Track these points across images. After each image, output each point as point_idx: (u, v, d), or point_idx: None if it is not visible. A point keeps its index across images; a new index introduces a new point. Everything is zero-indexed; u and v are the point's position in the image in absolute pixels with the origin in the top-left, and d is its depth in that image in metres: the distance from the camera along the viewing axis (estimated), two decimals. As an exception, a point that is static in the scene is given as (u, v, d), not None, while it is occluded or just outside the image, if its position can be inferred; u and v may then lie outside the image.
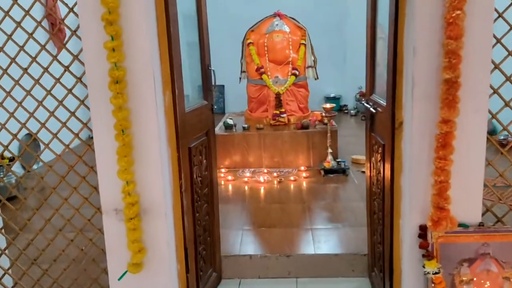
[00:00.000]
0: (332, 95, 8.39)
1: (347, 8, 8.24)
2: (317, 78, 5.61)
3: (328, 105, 4.75)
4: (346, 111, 8.23)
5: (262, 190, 4.28)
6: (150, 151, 2.10)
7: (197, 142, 2.49)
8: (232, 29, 8.28)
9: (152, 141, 2.10)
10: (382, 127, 2.37)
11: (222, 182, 4.53)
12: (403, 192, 2.17)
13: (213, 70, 2.75)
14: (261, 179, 4.53)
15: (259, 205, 3.90)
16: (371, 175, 2.69)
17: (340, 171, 4.65)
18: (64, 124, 2.24)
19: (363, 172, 4.67)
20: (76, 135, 2.28)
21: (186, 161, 2.35)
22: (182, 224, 2.32)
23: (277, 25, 5.42)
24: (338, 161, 4.74)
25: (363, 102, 2.73)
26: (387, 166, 2.27)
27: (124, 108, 2.02)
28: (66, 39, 2.30)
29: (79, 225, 2.36)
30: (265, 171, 4.82)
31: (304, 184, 4.43)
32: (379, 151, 2.43)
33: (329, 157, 4.73)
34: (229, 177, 4.62)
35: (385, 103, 2.30)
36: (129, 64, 2.01)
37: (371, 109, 2.54)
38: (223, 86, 8.67)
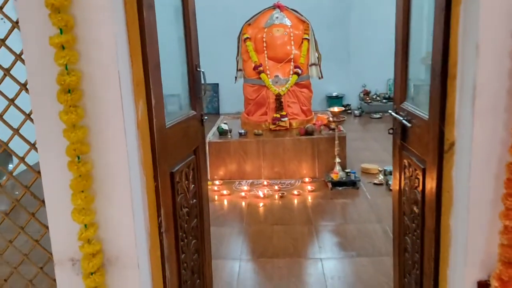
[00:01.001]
0: (334, 94, 7.86)
1: (351, 0, 7.70)
2: (322, 77, 5.07)
3: (336, 109, 4.22)
4: (349, 111, 7.70)
5: (261, 207, 3.75)
6: (117, 183, 1.55)
7: (182, 164, 1.96)
8: (227, 22, 7.75)
9: (119, 169, 1.55)
10: (421, 146, 1.84)
11: (216, 197, 4.00)
12: (454, 236, 1.64)
13: (203, 72, 2.20)
14: (260, 193, 4.00)
15: (259, 227, 3.37)
16: (401, 202, 2.16)
17: (349, 184, 4.13)
18: (5, 144, 1.70)
19: (376, 184, 4.15)
20: (22, 159, 1.73)
21: (168, 190, 1.81)
22: (162, 275, 1.78)
23: (277, 18, 4.87)
24: (347, 172, 4.21)
25: (391, 112, 2.18)
26: (430, 198, 1.75)
27: (79, 126, 1.47)
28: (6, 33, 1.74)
29: (29, 275, 1.82)
30: (265, 183, 4.29)
31: (310, 199, 3.90)
32: (417, 176, 1.90)
33: (337, 168, 4.20)
34: (224, 191, 4.08)
35: (426, 116, 1.77)
36: (86, 66, 1.46)
37: (404, 121, 2.01)
38: (217, 84, 8.13)
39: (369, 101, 7.66)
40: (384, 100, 7.63)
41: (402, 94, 2.16)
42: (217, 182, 4.35)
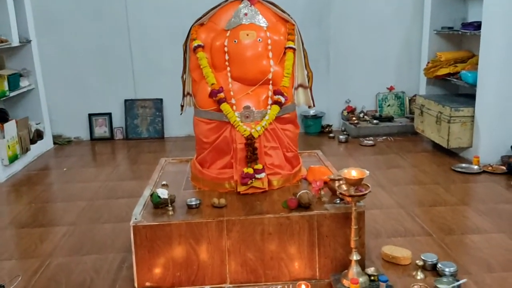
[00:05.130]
0: (312, 112, 6.17)
1: (331, -6, 6.05)
2: (313, 105, 3.35)
3: (354, 173, 2.47)
4: (331, 135, 6.02)
5: None
6: None
7: None
8: (173, 21, 5.90)
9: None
10: None
11: None
12: None
13: None
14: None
15: None
16: None
17: (378, 300, 2.44)
18: None
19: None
20: None
21: None
22: None
23: (245, 15, 3.09)
24: (372, 276, 2.51)
25: None
26: None
27: None
28: None
29: None
30: (233, 299, 2.52)
31: None
32: None
33: (354, 269, 2.48)
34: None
35: None
36: None
37: None
38: (160, 100, 6.25)
39: (356, 121, 6.03)
40: (375, 121, 6.01)
41: None
42: (149, 299, 2.53)
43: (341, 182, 2.63)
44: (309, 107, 3.36)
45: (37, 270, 2.90)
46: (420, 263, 2.70)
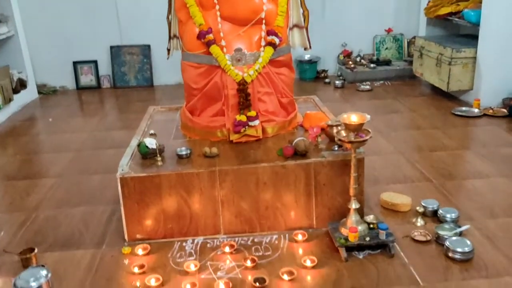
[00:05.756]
0: (307, 57, 5.93)
1: None
2: (310, 47, 3.14)
3: (354, 118, 2.30)
4: (327, 80, 5.82)
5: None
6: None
7: None
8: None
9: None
10: None
11: (138, 285, 2.13)
12: None
13: None
14: (220, 283, 2.13)
15: None
16: None
17: (376, 246, 2.36)
18: None
19: (420, 241, 2.40)
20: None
21: None
22: None
23: None
24: (371, 224, 2.41)
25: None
26: None
27: None
28: None
29: None
30: (227, 249, 2.41)
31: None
32: None
33: (353, 218, 2.39)
34: (152, 280, 2.18)
35: None
36: None
37: None
38: (148, 46, 5.97)
39: (352, 66, 5.80)
40: (372, 65, 5.80)
41: None
42: (140, 251, 2.43)
43: (339, 128, 2.48)
44: (305, 49, 3.13)
45: (23, 223, 2.79)
46: (421, 209, 2.61)
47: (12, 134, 4.47)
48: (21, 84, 5.30)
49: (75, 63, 5.95)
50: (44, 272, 2.15)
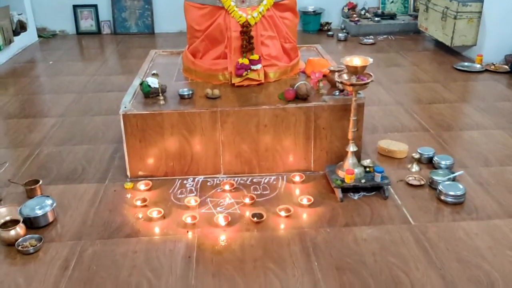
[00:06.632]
0: (310, 8, 5.84)
1: None
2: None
3: (357, 61, 2.31)
4: (330, 33, 5.76)
5: (223, 256, 1.99)
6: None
7: None
8: None
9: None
10: None
11: (140, 216, 2.21)
12: None
13: None
14: (221, 220, 2.21)
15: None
16: None
17: (371, 189, 2.43)
18: None
19: (413, 185, 2.47)
20: None
21: None
22: None
23: None
24: (367, 167, 2.47)
25: None
26: None
27: None
28: None
29: None
30: (226, 187, 2.49)
31: (307, 227, 2.17)
32: None
33: (350, 160, 2.44)
34: (154, 212, 2.26)
35: None
36: None
37: None
38: (150, -9, 5.85)
39: (357, 19, 5.73)
40: (376, 19, 5.72)
41: None
42: (142, 187, 2.50)
43: (342, 75, 2.49)
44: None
45: (27, 158, 2.85)
46: (416, 156, 2.67)
47: (13, 75, 4.46)
48: (21, 27, 5.23)
49: (75, 7, 5.85)
50: (49, 201, 2.23)
